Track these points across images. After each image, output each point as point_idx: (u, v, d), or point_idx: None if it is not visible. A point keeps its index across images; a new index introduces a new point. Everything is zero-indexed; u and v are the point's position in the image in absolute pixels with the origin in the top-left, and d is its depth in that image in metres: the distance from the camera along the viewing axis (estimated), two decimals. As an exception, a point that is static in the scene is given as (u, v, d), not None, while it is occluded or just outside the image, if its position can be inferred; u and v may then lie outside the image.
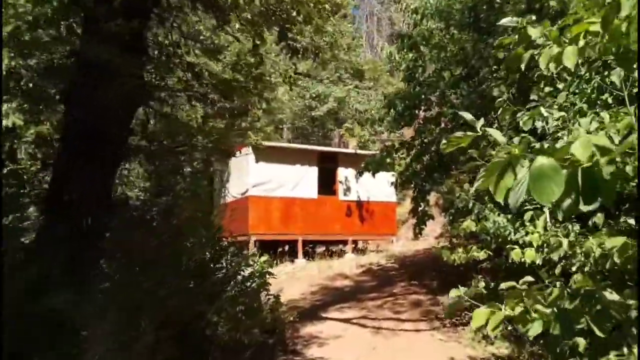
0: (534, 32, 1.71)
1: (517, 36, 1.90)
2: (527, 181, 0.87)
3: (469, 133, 1.15)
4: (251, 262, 7.26)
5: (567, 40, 1.61)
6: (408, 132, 18.19)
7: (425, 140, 8.75)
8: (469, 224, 5.78)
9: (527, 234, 4.58)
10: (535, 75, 4.97)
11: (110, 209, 3.85)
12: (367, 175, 9.72)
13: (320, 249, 14.76)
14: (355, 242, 14.24)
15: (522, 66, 1.89)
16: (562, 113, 3.00)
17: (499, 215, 5.02)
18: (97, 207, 3.28)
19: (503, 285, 1.76)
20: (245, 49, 14.04)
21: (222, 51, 12.21)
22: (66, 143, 3.33)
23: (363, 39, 25.49)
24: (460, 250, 6.14)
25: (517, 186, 0.90)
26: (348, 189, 13.69)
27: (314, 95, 20.53)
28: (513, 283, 1.71)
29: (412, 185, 8.98)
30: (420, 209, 8.74)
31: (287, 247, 13.86)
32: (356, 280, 10.51)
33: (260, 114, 14.81)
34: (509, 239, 4.92)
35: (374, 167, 9.46)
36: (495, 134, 1.37)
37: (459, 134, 1.17)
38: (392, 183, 13.72)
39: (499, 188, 0.94)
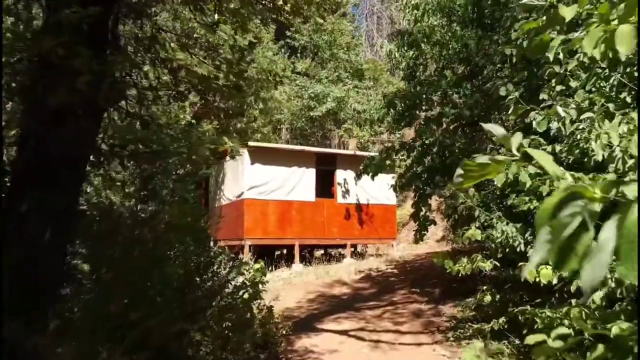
0: (567, 12, 1.33)
1: (543, 19, 1.51)
2: (611, 248, 0.48)
3: (499, 157, 0.75)
4: (243, 271, 6.89)
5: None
6: (409, 133, 17.81)
7: (427, 142, 8.37)
8: (473, 233, 5.40)
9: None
10: (547, 73, 4.59)
11: (75, 222, 3.47)
12: (366, 177, 9.37)
13: (319, 253, 14.41)
14: (354, 246, 13.86)
15: (550, 55, 1.50)
16: (589, 114, 2.61)
17: (507, 224, 4.63)
18: (58, 222, 2.91)
19: (530, 340, 1.38)
20: (233, 45, 13.70)
21: (196, 45, 11.82)
22: (20, 152, 2.97)
23: (363, 38, 25.10)
24: (465, 260, 5.76)
25: (596, 256, 0.50)
26: (347, 192, 13.31)
27: (312, 95, 20.16)
28: (543, 337, 1.33)
29: (413, 189, 8.60)
30: (421, 213, 8.37)
31: (284, 252, 13.49)
32: (355, 287, 10.13)
33: (256, 114, 14.46)
34: (517, 250, 4.54)
35: (373, 170, 9.11)
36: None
37: (481, 159, 0.77)
38: (392, 186, 13.37)
39: (567, 258, 0.54)
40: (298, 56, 24.56)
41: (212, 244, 11.89)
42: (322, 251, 14.76)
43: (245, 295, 6.30)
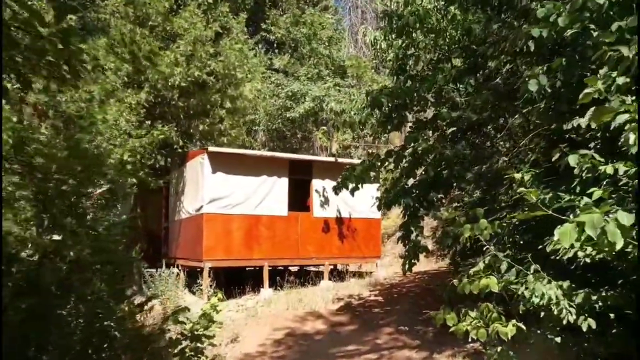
0: None
1: None
2: None
3: None
4: (184, 319, 5.36)
5: None
6: (398, 137, 16.39)
7: (419, 150, 6.95)
8: (489, 283, 3.96)
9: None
10: (600, 58, 3.19)
11: None
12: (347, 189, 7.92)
13: (293, 271, 12.90)
14: (333, 265, 12.38)
15: None
16: None
17: (549, 282, 3.19)
18: None
19: None
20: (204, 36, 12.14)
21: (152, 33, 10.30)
22: None
23: (346, 33, 23.68)
24: (473, 315, 4.32)
25: None
26: (325, 203, 11.84)
27: (289, 94, 18.65)
28: None
29: (402, 207, 7.16)
30: (411, 237, 6.94)
31: (253, 272, 11.95)
32: (331, 322, 8.65)
33: (223, 114, 12.93)
34: (564, 320, 3.11)
35: (354, 181, 7.67)
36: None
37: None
38: (375, 200, 11.92)
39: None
40: (276, 52, 23.04)
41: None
42: (296, 271, 13.27)
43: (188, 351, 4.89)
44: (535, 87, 3.67)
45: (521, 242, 4.59)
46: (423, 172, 7.06)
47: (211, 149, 10.44)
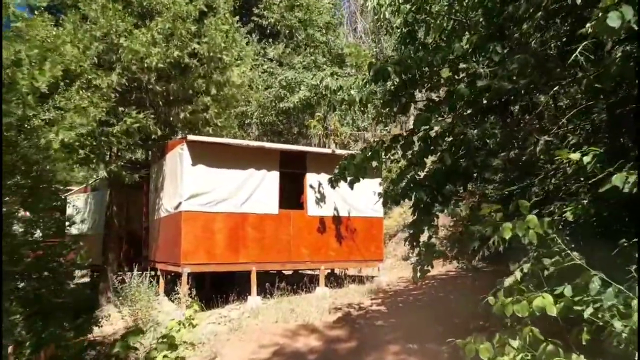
0: None
1: None
2: None
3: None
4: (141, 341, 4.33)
5: None
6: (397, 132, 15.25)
7: (432, 133, 5.85)
8: (545, 303, 2.86)
9: None
10: None
11: None
12: (345, 183, 6.82)
13: (287, 274, 11.79)
14: (330, 269, 11.27)
15: None
16: None
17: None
18: None
19: None
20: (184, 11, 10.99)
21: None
22: None
23: (344, 19, 22.59)
24: (516, 345, 3.23)
25: None
26: (321, 200, 10.73)
27: (283, 83, 17.55)
28: None
29: (412, 203, 6.05)
30: (420, 242, 5.84)
31: (243, 276, 10.86)
32: (327, 338, 7.54)
33: (208, 101, 11.82)
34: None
35: (353, 172, 6.56)
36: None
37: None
38: (379, 195, 10.81)
39: None
40: (270, 41, 21.91)
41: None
42: (291, 274, 12.17)
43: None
44: (618, 22, 2.56)
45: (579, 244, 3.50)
46: (437, 161, 5.96)
47: (190, 137, 9.33)
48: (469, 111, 5.88)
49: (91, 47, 9.82)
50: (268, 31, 19.90)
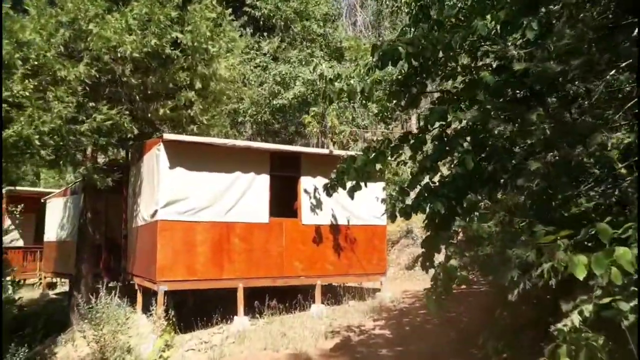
0: None
1: None
2: None
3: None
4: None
5: None
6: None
7: (450, 131, 4.88)
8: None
9: None
10: None
11: None
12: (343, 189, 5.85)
13: (276, 293, 10.74)
14: (327, 284, 10.23)
15: None
16: None
17: None
18: None
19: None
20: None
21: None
22: None
23: (343, 11, 21.59)
24: None
25: None
26: (317, 207, 9.71)
27: (277, 79, 16.53)
28: None
29: (426, 216, 5.04)
30: (436, 264, 4.83)
31: (225, 296, 9.81)
32: (323, 371, 6.53)
33: (191, 96, 10.81)
34: None
35: (353, 178, 5.59)
36: None
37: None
38: (386, 210, 9.78)
39: None
40: (265, 35, 20.88)
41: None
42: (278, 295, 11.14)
43: None
44: None
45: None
46: (457, 164, 4.94)
47: (167, 137, 8.31)
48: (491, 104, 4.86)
49: (56, 35, 8.79)
50: (262, 23, 18.89)
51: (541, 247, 3.69)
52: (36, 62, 8.41)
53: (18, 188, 18.03)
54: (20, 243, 19.34)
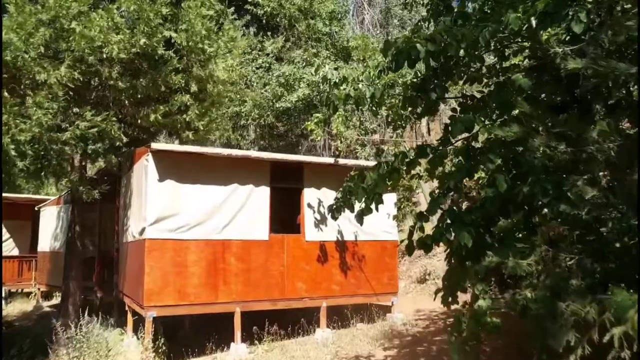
0: None
1: None
2: None
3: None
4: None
5: None
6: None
7: (482, 143, 4.16)
8: None
9: None
10: None
11: None
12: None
13: (277, 317, 10.00)
14: (333, 307, 9.48)
15: None
16: None
17: None
18: None
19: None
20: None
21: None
22: None
23: (350, 8, 20.85)
24: None
25: None
26: (321, 222, 8.97)
27: (281, 80, 15.81)
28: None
29: (447, 247, 4.30)
30: (464, 314, 4.12)
31: (222, 320, 9.08)
32: (328, 416, 5.78)
33: (186, 99, 10.13)
34: None
35: (361, 197, 4.88)
36: None
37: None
38: (394, 216, 9.04)
39: None
40: (268, 35, 20.14)
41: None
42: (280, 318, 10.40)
43: None
44: None
45: None
46: (486, 184, 4.21)
47: (156, 146, 7.60)
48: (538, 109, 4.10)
49: (36, 34, 8.12)
50: (264, 22, 18.19)
51: (603, 300, 2.94)
52: (12, 65, 7.74)
53: (14, 195, 17.50)
54: (16, 252, 18.73)
